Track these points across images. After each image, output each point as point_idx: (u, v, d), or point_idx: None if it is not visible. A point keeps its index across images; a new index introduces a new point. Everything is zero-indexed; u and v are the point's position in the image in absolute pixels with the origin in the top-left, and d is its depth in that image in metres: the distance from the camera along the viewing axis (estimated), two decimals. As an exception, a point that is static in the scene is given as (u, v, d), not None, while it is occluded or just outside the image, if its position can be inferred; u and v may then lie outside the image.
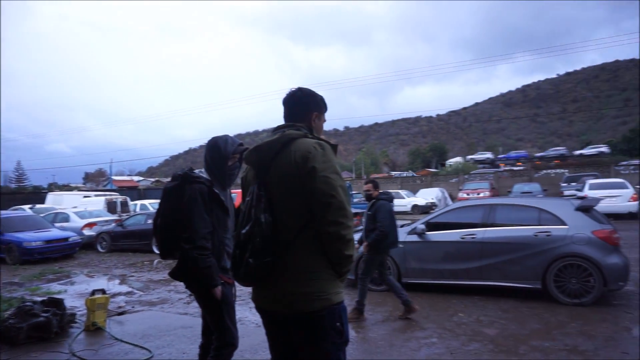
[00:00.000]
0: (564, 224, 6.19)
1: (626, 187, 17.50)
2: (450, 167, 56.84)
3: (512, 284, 6.38)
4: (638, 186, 23.53)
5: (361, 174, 72.15)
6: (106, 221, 16.53)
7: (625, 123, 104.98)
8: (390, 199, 6.07)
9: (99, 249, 14.85)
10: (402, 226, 7.62)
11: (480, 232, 6.59)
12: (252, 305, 6.98)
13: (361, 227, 11.52)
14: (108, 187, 49.31)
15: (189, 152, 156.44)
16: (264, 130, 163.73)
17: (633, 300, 6.19)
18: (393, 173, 63.50)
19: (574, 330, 5.03)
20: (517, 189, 24.03)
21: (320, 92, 2.32)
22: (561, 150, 54.66)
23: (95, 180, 77.85)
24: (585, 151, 51.40)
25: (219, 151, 3.02)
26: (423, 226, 7.01)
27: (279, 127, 2.21)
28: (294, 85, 2.37)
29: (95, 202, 20.80)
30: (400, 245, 7.04)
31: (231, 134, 3.23)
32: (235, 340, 3.02)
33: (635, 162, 33.63)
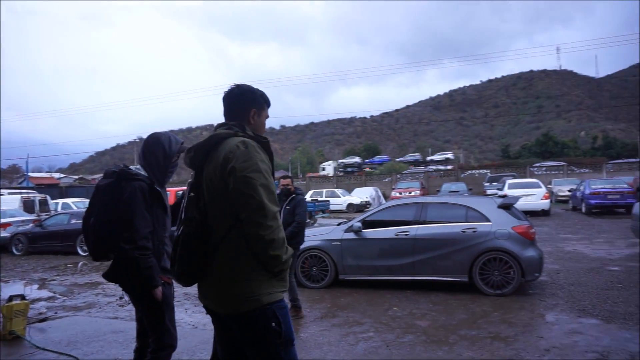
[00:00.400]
0: (488, 220, 6.66)
1: (539, 187, 19.08)
2: (383, 167, 58.66)
3: (442, 278, 6.76)
4: (550, 185, 25.77)
5: (297, 173, 72.39)
6: (22, 221, 15.28)
7: (539, 128, 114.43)
8: (304, 195, 6.31)
9: (14, 251, 13.70)
10: (339, 224, 7.79)
11: (413, 229, 6.90)
12: (188, 306, 6.84)
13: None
14: (24, 185, 45.44)
15: (117, 149, 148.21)
16: (197, 127, 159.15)
17: (547, 289, 6.78)
18: (325, 173, 64.29)
19: (497, 319, 5.44)
20: (445, 188, 25.37)
21: None
22: (416, 156, 60.89)
23: (8, 177, 71.41)
24: (435, 157, 59.49)
25: (163, 149, 2.92)
26: (359, 224, 7.21)
27: (216, 127, 2.20)
28: (229, 82, 2.36)
29: (9, 201, 19.10)
30: (338, 243, 7.24)
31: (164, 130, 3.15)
32: (174, 342, 2.95)
33: (547, 163, 36.75)
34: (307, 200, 6.08)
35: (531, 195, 18.24)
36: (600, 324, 5.16)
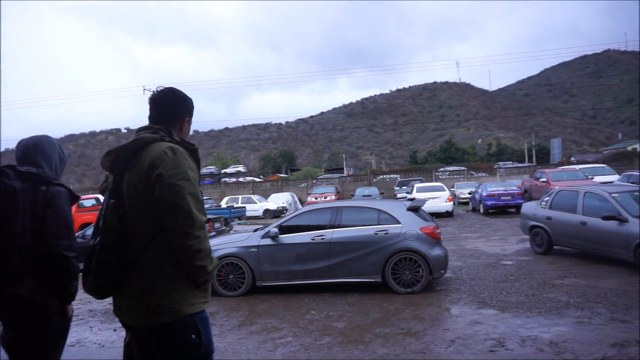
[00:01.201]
0: (398, 222, 7.02)
1: (444, 190, 20.52)
2: (299, 173, 59.20)
3: (357, 280, 6.99)
4: (452, 189, 27.77)
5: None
6: None
7: (442, 135, 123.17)
8: None
9: None
10: (255, 230, 7.73)
11: (329, 233, 7.06)
12: (93, 324, 6.38)
13: (213, 233, 11.36)
14: None
15: (6, 154, 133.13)
16: (102, 132, 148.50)
17: (451, 285, 7.31)
18: (242, 179, 63.50)
19: (408, 315, 5.74)
20: (359, 193, 26.25)
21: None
22: (211, 168, 62.97)
23: None
24: (228, 170, 63.14)
25: (59, 154, 2.67)
26: (276, 229, 7.21)
27: (138, 130, 2.08)
28: (136, 84, 2.25)
29: None
30: (254, 250, 7.18)
31: (64, 135, 2.85)
32: None
33: (450, 168, 39.60)
34: (222, 206, 5.94)
35: (437, 198, 19.54)
36: (497, 313, 5.67)
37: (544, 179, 19.76)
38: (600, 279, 7.17)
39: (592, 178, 19.34)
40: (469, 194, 24.78)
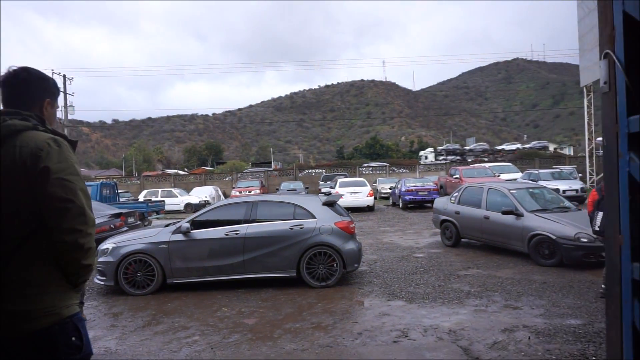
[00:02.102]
0: (313, 217, 7.05)
1: (365, 185, 21.07)
2: (225, 166, 57.99)
3: (272, 275, 6.92)
4: (374, 184, 28.66)
5: (132, 172, 66.87)
6: None
7: (368, 132, 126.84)
8: None
9: None
10: (166, 225, 7.39)
11: (243, 228, 6.92)
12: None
13: (125, 229, 10.71)
14: None
15: None
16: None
17: (365, 277, 7.49)
18: (168, 171, 60.93)
19: (320, 309, 5.79)
20: (284, 187, 26.21)
21: (80, 78, 2.01)
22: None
23: None
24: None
25: None
26: (188, 225, 6.94)
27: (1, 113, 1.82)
28: (46, 66, 1.98)
29: None
30: (165, 246, 6.85)
31: None
32: None
33: (373, 164, 40.87)
34: (139, 200, 5.57)
35: (358, 192, 20.03)
36: (405, 304, 5.89)
37: (457, 176, 21.01)
38: (499, 269, 7.73)
39: (498, 175, 20.91)
40: (390, 189, 25.71)
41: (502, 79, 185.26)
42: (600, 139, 29.65)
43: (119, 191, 20.23)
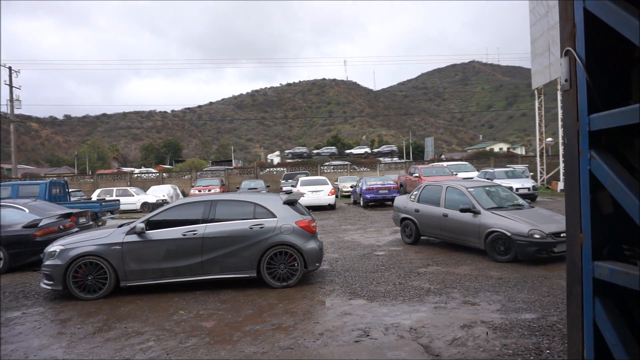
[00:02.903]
0: (274, 216, 6.92)
1: (327, 184, 21.07)
2: (184, 164, 56.66)
3: (231, 275, 6.75)
4: (336, 182, 28.76)
5: (86, 170, 64.15)
6: None
7: (330, 131, 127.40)
8: None
9: None
10: (120, 226, 7.06)
11: (202, 228, 6.70)
12: None
13: (76, 229, 10.20)
14: None
15: None
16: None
17: (327, 277, 7.44)
18: (124, 169, 58.82)
19: (281, 310, 5.68)
20: (245, 185, 25.83)
21: (28, 71, 1.81)
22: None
23: None
24: None
25: None
26: (142, 225, 6.65)
27: None
28: None
29: None
30: (118, 247, 6.54)
31: None
32: None
33: (335, 162, 41.02)
34: (92, 199, 5.26)
35: (320, 191, 20.02)
36: (366, 303, 5.88)
37: (417, 174, 21.39)
38: (457, 266, 7.88)
39: (456, 174, 21.44)
40: (351, 187, 25.86)
41: (459, 80, 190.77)
42: (550, 139, 31.06)
43: (70, 190, 19.29)
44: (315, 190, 19.65)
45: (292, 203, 7.26)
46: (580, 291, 1.53)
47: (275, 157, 62.26)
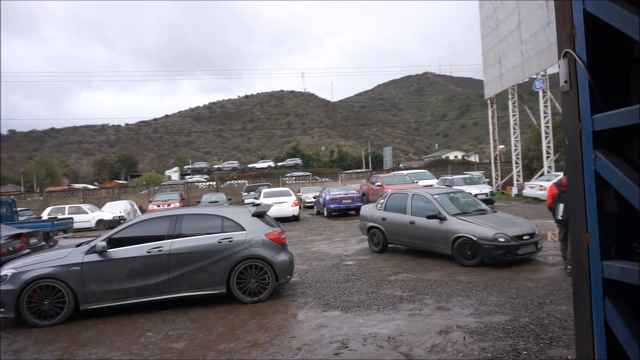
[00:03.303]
0: (243, 229, 6.74)
1: (290, 195, 20.94)
2: (140, 179, 54.87)
3: (200, 293, 6.49)
4: (299, 193, 28.64)
5: (33, 187, 60.80)
6: None
7: (289, 142, 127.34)
8: None
9: None
10: (78, 245, 6.66)
11: (167, 244, 6.43)
12: None
13: (27, 251, 9.56)
14: None
15: None
16: None
17: (298, 289, 7.31)
18: (75, 185, 56.18)
19: (254, 326, 5.50)
20: (205, 199, 25.26)
21: None
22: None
23: None
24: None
25: None
26: (104, 243, 6.29)
27: None
28: None
29: None
30: (77, 268, 6.16)
31: None
32: None
33: (296, 173, 40.94)
34: (43, 218, 4.91)
35: (283, 202, 19.84)
36: (341, 314, 5.80)
37: (379, 183, 21.63)
38: (427, 272, 7.95)
39: (417, 182, 21.86)
40: (314, 198, 25.82)
41: (414, 91, 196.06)
42: (502, 146, 32.34)
43: (18, 209, 18.15)
44: (278, 202, 19.45)
45: (260, 215, 7.10)
46: (589, 292, 1.52)
47: (173, 174, 61.43)
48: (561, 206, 6.97)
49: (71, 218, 19.02)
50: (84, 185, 52.68)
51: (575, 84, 1.54)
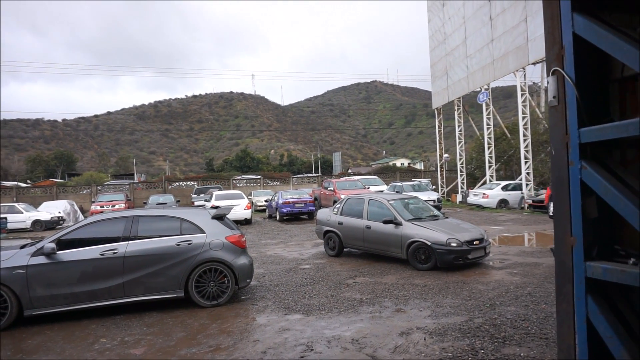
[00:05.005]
0: (203, 232, 6.61)
1: (242, 198, 20.69)
2: (80, 178, 52.00)
3: (156, 297, 6.28)
4: (250, 196, 28.33)
5: (-47, 185, 55.85)
6: None
7: (238, 144, 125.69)
8: None
9: None
10: (23, 246, 6.24)
11: (122, 246, 6.17)
12: None
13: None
14: None
15: None
16: None
17: (257, 293, 7.25)
18: (6, 183, 52.22)
19: (216, 330, 5.40)
20: (153, 200, 24.39)
21: None
22: None
23: None
24: None
25: None
26: (53, 245, 5.94)
27: None
28: None
29: None
30: (22, 271, 5.77)
31: None
32: None
33: (247, 176, 40.48)
34: None
35: (236, 205, 19.55)
36: (303, 317, 5.82)
37: (331, 188, 21.86)
38: (383, 275, 8.15)
39: (368, 187, 22.31)
40: (266, 201, 25.66)
41: (362, 98, 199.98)
42: (447, 155, 33.73)
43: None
44: (231, 205, 19.14)
45: (220, 218, 6.99)
46: (571, 290, 1.66)
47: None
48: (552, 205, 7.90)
49: (4, 218, 17.76)
50: (16, 182, 49.16)
51: (563, 99, 1.69)
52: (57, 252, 5.96)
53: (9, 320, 5.70)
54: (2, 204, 22.37)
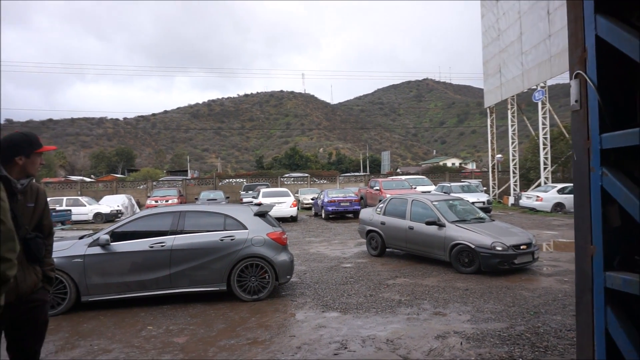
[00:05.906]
0: (245, 228, 6.82)
1: (289, 195, 21.03)
2: (138, 174, 54.78)
3: (200, 289, 6.57)
4: (297, 194, 28.72)
5: (27, 178, 60.49)
6: None
7: (287, 142, 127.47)
8: None
9: None
10: (81, 237, 6.72)
11: (170, 240, 6.50)
12: None
13: None
14: None
15: None
16: None
17: (296, 289, 7.40)
18: (72, 177, 56.02)
19: (254, 324, 5.58)
20: (203, 196, 25.30)
21: None
22: None
23: None
24: None
25: None
26: (107, 236, 6.36)
27: None
28: None
29: None
30: (79, 260, 6.22)
31: None
32: None
33: (294, 174, 41.02)
34: None
35: (282, 203, 19.92)
36: (340, 315, 5.88)
37: (377, 187, 21.75)
38: (425, 277, 8.05)
39: (415, 187, 21.99)
40: (312, 199, 25.91)
41: (413, 96, 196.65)
42: (500, 156, 32.53)
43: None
44: (277, 202, 19.52)
45: (263, 215, 7.19)
46: (591, 300, 1.62)
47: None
48: None
49: (69, 210, 19.05)
50: (81, 177, 52.58)
51: (585, 103, 1.64)
52: (111, 244, 6.38)
53: (69, 304, 6.16)
54: (67, 197, 24.05)
